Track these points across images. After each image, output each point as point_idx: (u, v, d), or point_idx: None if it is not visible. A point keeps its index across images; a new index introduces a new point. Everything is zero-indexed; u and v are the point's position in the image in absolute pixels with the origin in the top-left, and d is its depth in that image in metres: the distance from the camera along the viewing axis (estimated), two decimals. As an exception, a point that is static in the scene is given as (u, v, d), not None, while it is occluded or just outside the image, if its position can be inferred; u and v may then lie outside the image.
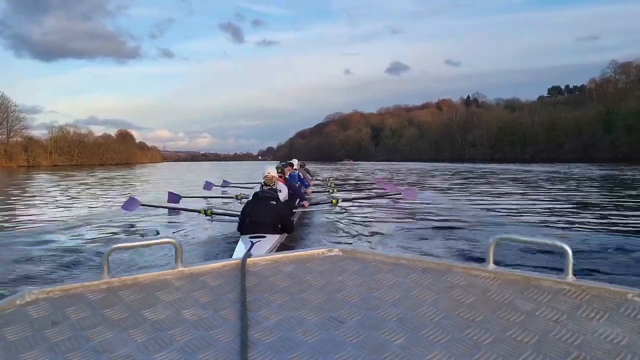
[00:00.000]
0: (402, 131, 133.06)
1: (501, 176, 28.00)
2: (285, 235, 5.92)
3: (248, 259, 1.26)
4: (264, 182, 6.34)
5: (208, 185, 14.92)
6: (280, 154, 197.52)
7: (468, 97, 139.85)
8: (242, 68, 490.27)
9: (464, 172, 36.16)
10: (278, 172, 7.88)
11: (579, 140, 74.38)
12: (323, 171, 38.26)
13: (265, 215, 5.52)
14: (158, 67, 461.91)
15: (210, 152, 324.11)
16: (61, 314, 0.97)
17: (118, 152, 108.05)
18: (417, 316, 0.94)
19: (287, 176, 9.10)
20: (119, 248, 1.14)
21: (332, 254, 1.34)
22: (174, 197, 11.10)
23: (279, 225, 5.63)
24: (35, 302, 1.01)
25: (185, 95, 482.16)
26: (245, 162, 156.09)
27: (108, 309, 1.00)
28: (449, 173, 34.72)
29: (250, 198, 6.17)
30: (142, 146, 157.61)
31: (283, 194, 7.17)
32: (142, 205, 9.06)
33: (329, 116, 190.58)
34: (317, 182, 17.95)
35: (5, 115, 75.55)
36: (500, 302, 0.99)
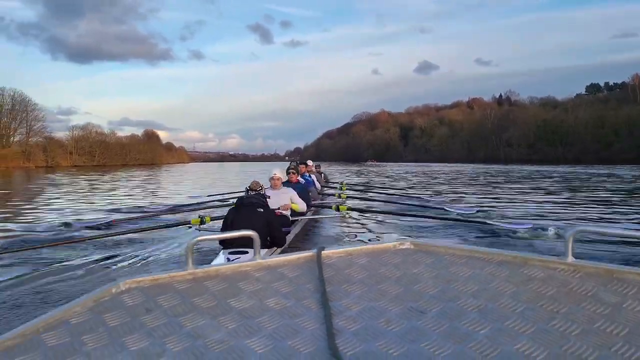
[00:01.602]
0: (433, 130, 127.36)
1: (589, 182, 22.00)
2: (276, 249, 5.05)
3: (322, 252, 1.28)
4: (249, 186, 5.40)
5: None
6: (307, 154, 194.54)
7: (500, 95, 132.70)
8: (270, 69, 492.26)
9: (525, 176, 29.20)
10: (292, 171, 7.49)
11: (631, 139, 67.38)
12: (343, 173, 33.93)
13: (249, 225, 4.36)
14: (189, 69, 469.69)
15: (239, 152, 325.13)
16: (153, 302, 1.01)
17: (142, 152, 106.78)
18: (498, 307, 0.93)
19: (299, 177, 8.19)
20: (202, 240, 1.20)
21: (403, 247, 1.35)
22: (157, 209, 10.14)
23: (268, 238, 4.79)
24: (128, 291, 1.07)
25: (215, 96, 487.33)
26: (270, 162, 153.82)
27: (196, 297, 1.04)
28: (508, 176, 28.38)
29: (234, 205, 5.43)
30: (169, 147, 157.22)
31: (286, 196, 6.56)
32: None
33: (356, 116, 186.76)
34: (329, 186, 15.38)
35: (24, 115, 74.40)
36: (583, 295, 0.97)
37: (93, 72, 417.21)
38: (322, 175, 15.49)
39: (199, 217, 6.86)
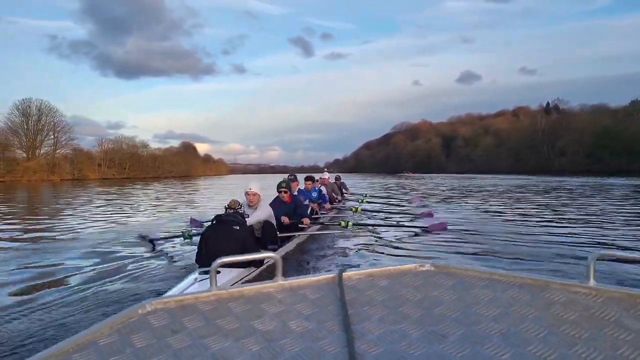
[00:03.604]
0: (477, 140, 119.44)
1: None
2: (254, 270, 4.88)
3: (343, 273, 1.28)
4: (228, 204, 5.22)
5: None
6: (346, 166, 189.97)
7: (548, 103, 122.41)
8: (311, 81, 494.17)
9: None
10: (283, 189, 7.10)
11: None
12: (362, 189, 28.67)
13: (224, 243, 4.59)
14: (231, 83, 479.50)
15: (279, 164, 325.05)
16: (179, 323, 1.02)
17: (176, 164, 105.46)
18: (520, 332, 0.92)
19: (295, 192, 8.31)
20: (225, 262, 1.19)
21: (424, 269, 1.35)
22: (196, 223, 9.28)
23: None
24: (154, 312, 1.08)
25: (257, 109, 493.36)
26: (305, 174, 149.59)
27: (220, 319, 1.04)
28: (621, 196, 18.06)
29: (210, 223, 5.26)
30: (207, 159, 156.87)
31: (265, 213, 6.00)
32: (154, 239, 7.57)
33: (396, 126, 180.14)
34: (350, 198, 15.40)
35: (51, 126, 72.71)
36: (605, 320, 0.95)
37: (140, 88, 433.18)
38: (340, 187, 14.75)
39: (181, 232, 7.23)
